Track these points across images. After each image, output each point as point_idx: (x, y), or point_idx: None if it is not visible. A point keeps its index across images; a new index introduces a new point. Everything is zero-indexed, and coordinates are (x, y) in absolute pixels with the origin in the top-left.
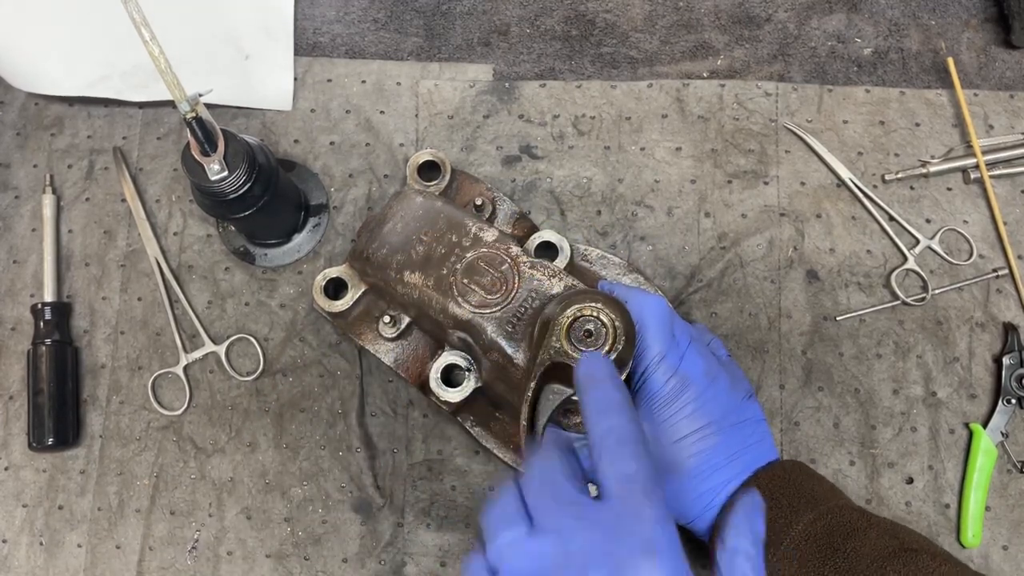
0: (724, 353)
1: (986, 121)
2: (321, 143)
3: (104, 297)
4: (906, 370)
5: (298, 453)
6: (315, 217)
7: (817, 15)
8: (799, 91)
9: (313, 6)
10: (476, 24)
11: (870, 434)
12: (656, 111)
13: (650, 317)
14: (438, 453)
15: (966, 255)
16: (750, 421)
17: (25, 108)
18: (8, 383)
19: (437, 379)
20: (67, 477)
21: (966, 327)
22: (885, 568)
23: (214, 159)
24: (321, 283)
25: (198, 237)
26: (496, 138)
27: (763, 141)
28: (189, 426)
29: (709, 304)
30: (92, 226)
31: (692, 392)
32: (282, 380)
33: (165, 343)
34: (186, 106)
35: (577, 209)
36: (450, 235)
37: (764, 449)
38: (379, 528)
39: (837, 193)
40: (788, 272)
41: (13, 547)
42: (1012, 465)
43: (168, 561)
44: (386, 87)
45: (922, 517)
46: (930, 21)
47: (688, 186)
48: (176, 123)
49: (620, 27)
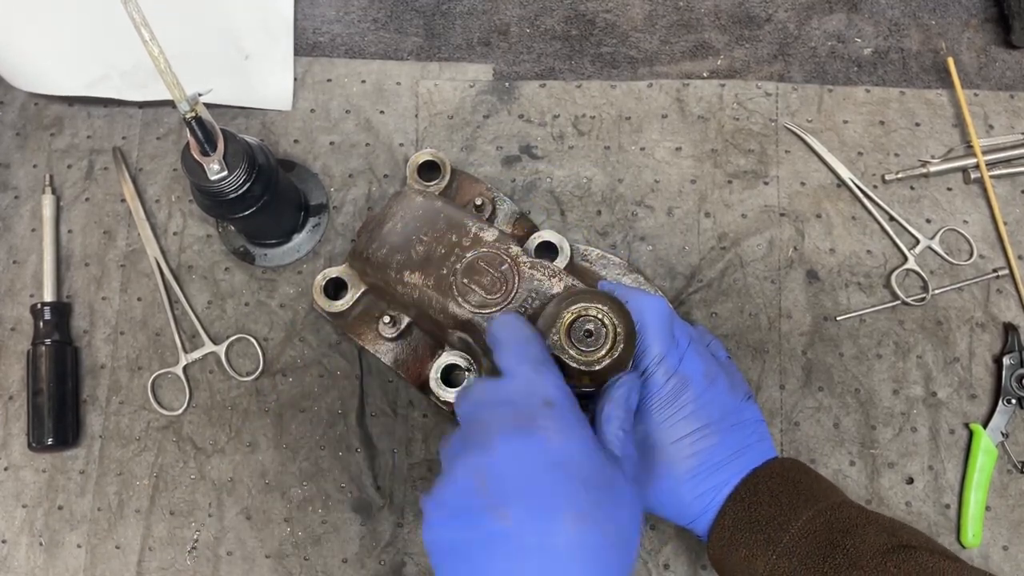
0: (724, 354)
1: (986, 121)
2: (321, 143)
3: (104, 297)
4: (906, 370)
5: (298, 453)
6: (315, 217)
7: (817, 15)
8: (799, 91)
9: (313, 6)
10: (476, 24)
11: (870, 434)
12: (656, 111)
13: (650, 318)
14: (438, 453)
15: (966, 255)
16: (749, 421)
17: (25, 108)
18: (8, 383)
19: (437, 379)
20: (67, 477)
21: (966, 327)
22: (885, 564)
23: (214, 159)
24: (321, 283)
25: (198, 237)
26: (496, 138)
27: (763, 141)
28: (189, 426)
29: (709, 304)
30: (92, 226)
31: (691, 393)
32: (282, 380)
33: (165, 343)
34: (186, 106)
35: (577, 209)
36: (450, 235)
37: (764, 449)
38: (379, 528)
39: (837, 193)
40: (788, 272)
41: (13, 547)
42: (1012, 465)
43: (168, 561)
44: (386, 87)
45: (922, 517)
46: (930, 21)
47: (688, 186)
48: (176, 123)
49: (620, 27)
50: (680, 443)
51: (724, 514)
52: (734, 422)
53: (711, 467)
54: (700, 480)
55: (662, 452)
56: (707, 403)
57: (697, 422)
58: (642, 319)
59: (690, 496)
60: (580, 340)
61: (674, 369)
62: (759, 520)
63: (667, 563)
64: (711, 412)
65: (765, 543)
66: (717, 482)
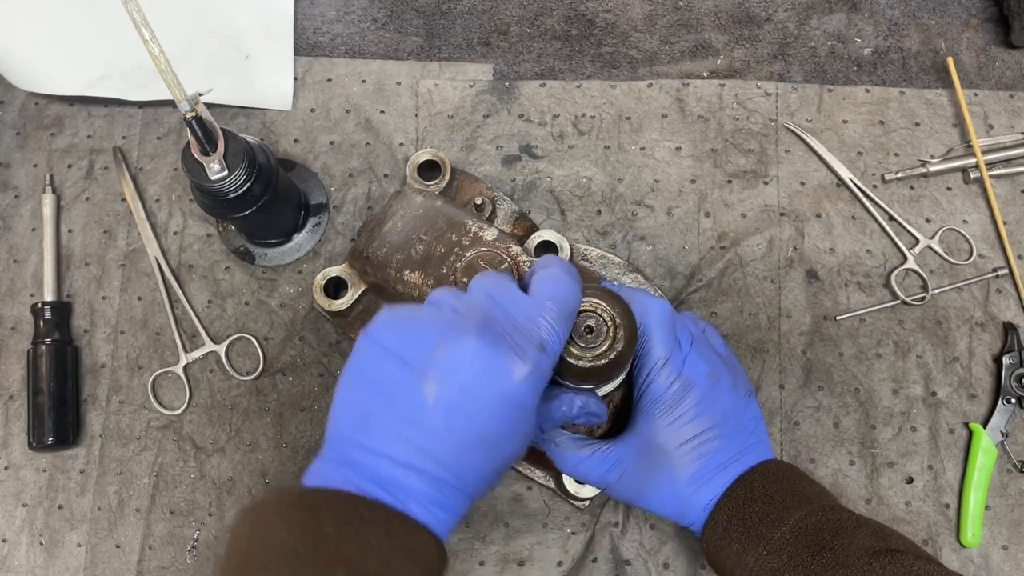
0: (720, 343)
1: (986, 121)
2: (321, 143)
3: (104, 297)
4: (906, 370)
5: (298, 453)
6: (315, 217)
7: (817, 15)
8: (799, 91)
9: (313, 6)
10: (476, 24)
11: (870, 434)
12: (656, 111)
13: (653, 320)
14: None
15: (966, 255)
16: (749, 422)
17: (25, 108)
18: (8, 383)
19: None
20: (67, 477)
21: (966, 327)
22: (872, 565)
23: (214, 159)
24: (321, 282)
25: (198, 237)
26: (496, 138)
27: (763, 141)
28: (189, 426)
29: (709, 304)
30: (92, 226)
31: (694, 396)
32: (282, 379)
33: (165, 342)
34: (186, 106)
35: (577, 209)
36: (450, 234)
37: (762, 451)
38: None
39: (837, 193)
40: (788, 272)
41: (13, 547)
42: (1012, 465)
43: (168, 561)
44: (386, 87)
45: (922, 517)
46: (930, 21)
47: (688, 186)
48: (176, 123)
49: (620, 27)
50: (684, 447)
51: (719, 510)
52: (735, 424)
53: (713, 470)
54: (702, 483)
55: (666, 456)
56: (710, 405)
57: (700, 426)
58: (645, 322)
59: (692, 498)
60: (580, 336)
61: (677, 372)
62: (752, 517)
63: (667, 563)
64: (714, 414)
65: (756, 539)
66: (718, 484)
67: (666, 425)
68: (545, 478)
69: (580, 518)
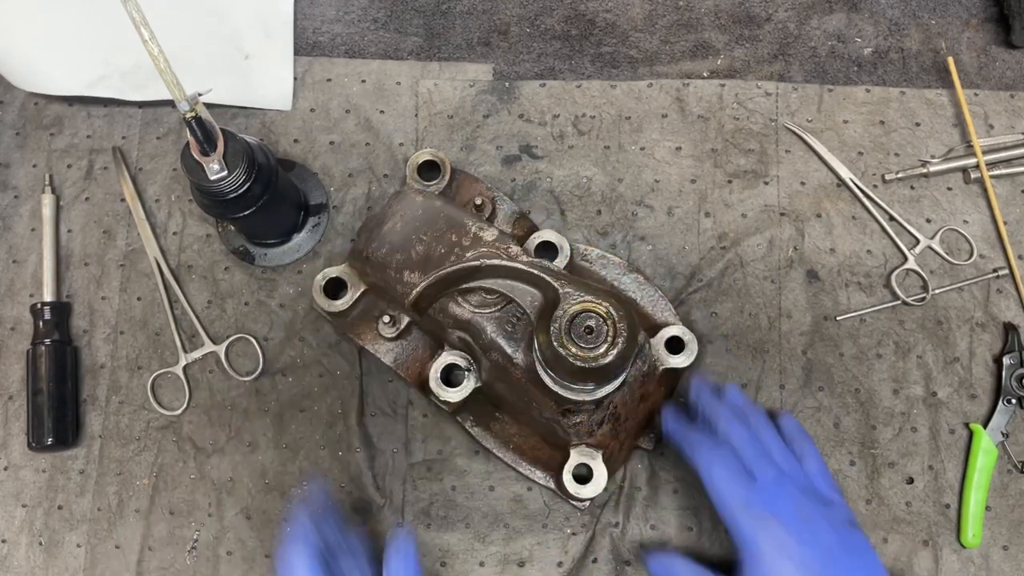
0: (739, 398)
1: (986, 121)
2: (321, 143)
3: (104, 297)
4: (906, 370)
5: (298, 453)
6: (315, 217)
7: (817, 15)
8: (799, 91)
9: (313, 6)
10: (476, 24)
11: (870, 434)
12: (656, 111)
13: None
14: (438, 453)
15: (966, 255)
16: (861, 560)
17: (25, 108)
18: (7, 383)
19: (437, 379)
20: (66, 477)
21: (966, 327)
22: None
23: (214, 159)
24: (321, 283)
25: (198, 237)
26: (496, 138)
27: (763, 141)
28: (189, 426)
29: (709, 304)
30: (92, 226)
31: (791, 548)
32: (282, 380)
33: (165, 343)
34: (186, 105)
35: (577, 209)
36: (450, 234)
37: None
38: (379, 528)
39: (837, 193)
40: (788, 272)
41: (12, 547)
42: (1012, 465)
43: (168, 561)
44: (386, 87)
45: (922, 517)
46: (930, 21)
47: (688, 186)
48: (176, 123)
49: (620, 27)
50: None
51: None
52: (846, 568)
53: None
54: None
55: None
56: (809, 556)
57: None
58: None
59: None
60: (580, 336)
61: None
62: None
63: None
64: (813, 566)
65: None
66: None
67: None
68: (545, 478)
69: (580, 518)
